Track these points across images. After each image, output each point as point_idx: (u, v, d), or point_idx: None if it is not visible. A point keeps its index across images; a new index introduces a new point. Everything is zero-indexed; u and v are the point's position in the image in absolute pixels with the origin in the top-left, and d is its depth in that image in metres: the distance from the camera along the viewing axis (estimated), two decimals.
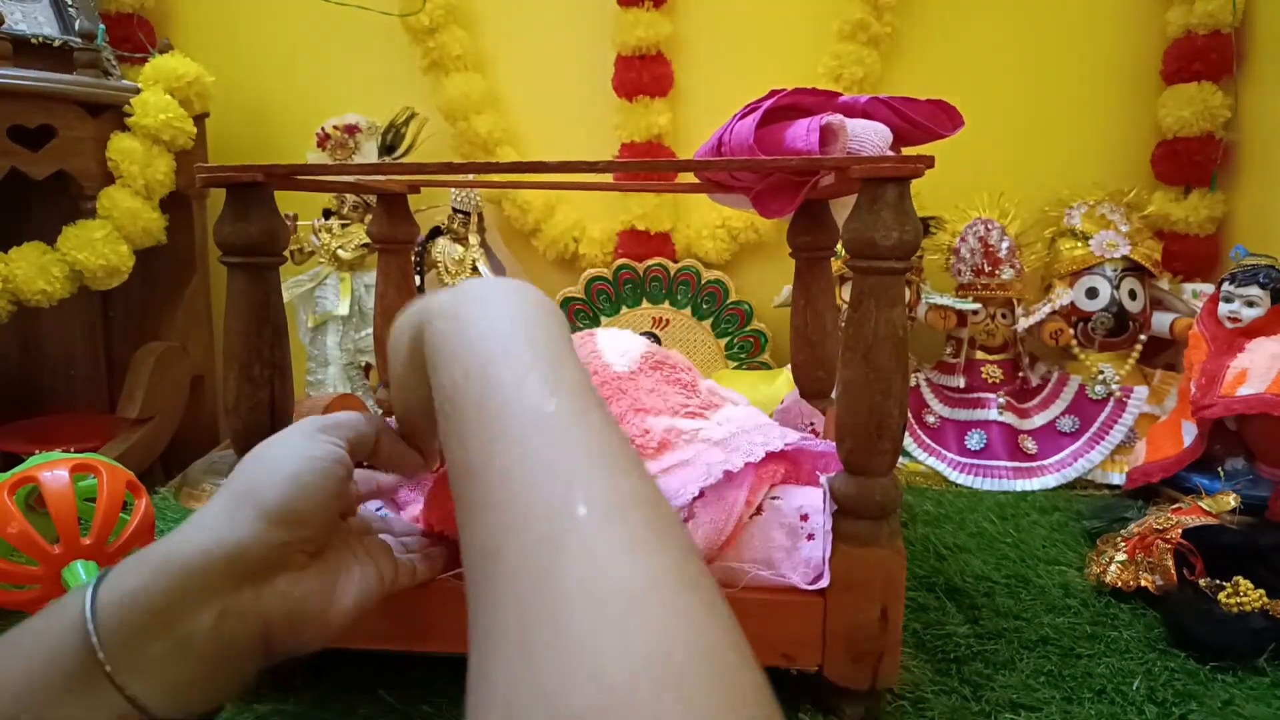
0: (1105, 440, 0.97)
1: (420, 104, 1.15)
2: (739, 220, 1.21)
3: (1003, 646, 0.58)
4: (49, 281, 0.92)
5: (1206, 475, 0.80)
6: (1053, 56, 1.18)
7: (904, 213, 0.45)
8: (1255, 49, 1.09)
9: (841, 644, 0.49)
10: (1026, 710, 0.51)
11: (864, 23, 1.14)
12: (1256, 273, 0.83)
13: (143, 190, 0.99)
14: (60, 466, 0.58)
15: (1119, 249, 1.05)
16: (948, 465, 0.99)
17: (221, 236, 0.50)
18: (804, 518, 0.51)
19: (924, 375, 1.10)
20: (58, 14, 1.04)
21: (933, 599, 0.65)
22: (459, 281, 1.11)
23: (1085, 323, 1.06)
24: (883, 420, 0.47)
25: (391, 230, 0.69)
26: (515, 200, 1.23)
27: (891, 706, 0.51)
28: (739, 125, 0.56)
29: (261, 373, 0.51)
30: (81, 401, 1.19)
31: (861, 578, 0.48)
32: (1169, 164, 1.14)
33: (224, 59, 1.18)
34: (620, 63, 1.19)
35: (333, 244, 1.11)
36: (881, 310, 0.46)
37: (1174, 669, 0.56)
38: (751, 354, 1.22)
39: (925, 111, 0.55)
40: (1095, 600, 0.66)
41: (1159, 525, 0.67)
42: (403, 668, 0.54)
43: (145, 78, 1.03)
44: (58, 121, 0.93)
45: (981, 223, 1.07)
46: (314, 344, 1.13)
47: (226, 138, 1.22)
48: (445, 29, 1.19)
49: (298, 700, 0.52)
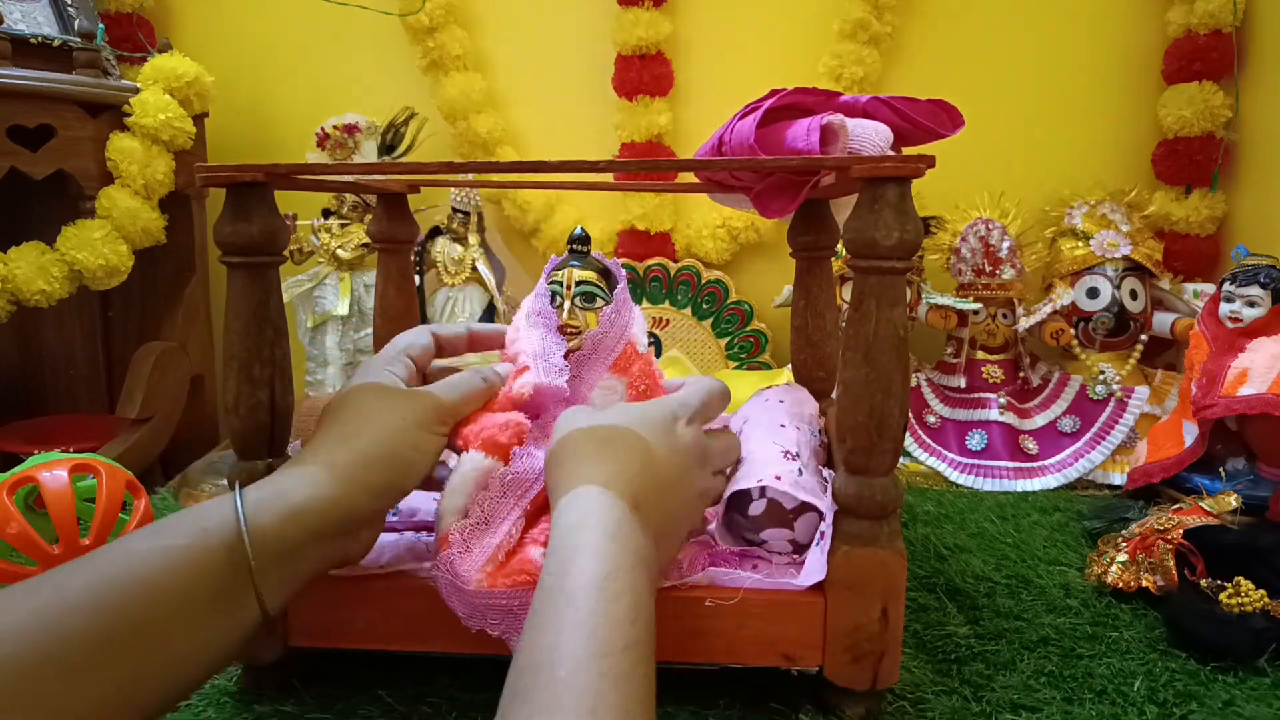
0: (1106, 440, 0.97)
1: (420, 104, 1.15)
2: (739, 220, 1.21)
3: (1003, 647, 0.58)
4: (49, 281, 0.91)
5: (1207, 475, 0.80)
6: (1053, 56, 1.18)
7: (905, 212, 0.45)
8: (1256, 49, 1.09)
9: (842, 644, 0.48)
10: (1027, 711, 0.51)
11: (864, 22, 1.14)
12: (1257, 272, 0.82)
13: (142, 190, 0.99)
14: (60, 466, 0.58)
15: (1120, 249, 1.05)
16: (948, 465, 0.99)
17: (221, 236, 0.50)
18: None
19: (924, 375, 1.10)
20: (57, 14, 1.04)
21: (933, 599, 0.65)
22: (458, 282, 1.12)
23: (1086, 323, 1.06)
24: (883, 420, 0.47)
25: (391, 230, 0.69)
26: (515, 200, 1.23)
27: (892, 707, 0.51)
28: (739, 125, 0.56)
29: (261, 372, 0.51)
30: (81, 401, 1.19)
31: (862, 578, 0.48)
32: (1170, 164, 1.14)
33: (224, 59, 1.18)
34: (620, 62, 1.19)
35: (332, 244, 1.11)
36: (882, 310, 0.46)
37: (1175, 669, 0.56)
38: (751, 354, 1.22)
39: (925, 111, 0.54)
40: (1096, 601, 0.66)
41: (1160, 525, 0.67)
42: (403, 668, 0.54)
43: (145, 77, 1.03)
44: (57, 121, 0.93)
45: (982, 223, 1.07)
46: (314, 344, 1.13)
47: (226, 138, 1.22)
48: (445, 29, 1.19)
49: (298, 700, 0.52)
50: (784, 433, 0.59)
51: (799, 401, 0.65)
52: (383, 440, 0.45)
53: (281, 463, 0.52)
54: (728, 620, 0.48)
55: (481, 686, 0.53)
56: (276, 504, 0.40)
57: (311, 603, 0.51)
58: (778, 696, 0.51)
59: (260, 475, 0.51)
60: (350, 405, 0.47)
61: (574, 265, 0.63)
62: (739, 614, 0.48)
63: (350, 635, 0.51)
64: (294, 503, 0.40)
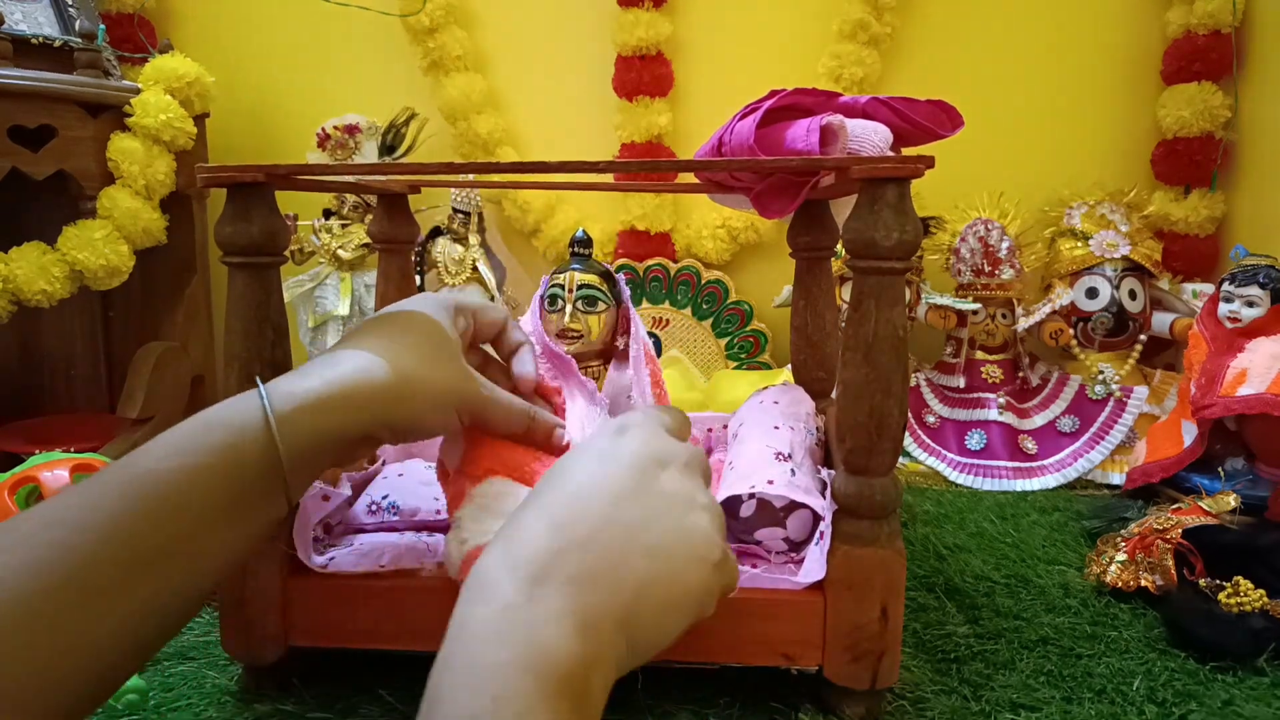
0: (1105, 440, 0.97)
1: (420, 104, 1.15)
2: (739, 220, 1.21)
3: (1003, 646, 0.58)
4: (49, 281, 0.92)
5: (1206, 475, 0.80)
6: (1053, 56, 1.18)
7: (904, 213, 0.45)
8: (1255, 49, 1.09)
9: (842, 644, 0.49)
10: (1026, 710, 0.51)
11: (864, 23, 1.14)
12: (1256, 273, 0.83)
13: (143, 190, 0.99)
14: (60, 466, 0.58)
15: (1119, 249, 1.05)
16: (948, 465, 0.99)
17: (222, 236, 0.50)
18: None
19: (924, 375, 1.10)
20: (58, 14, 1.04)
21: (933, 599, 0.65)
22: (458, 282, 1.12)
23: (1085, 323, 1.06)
24: (883, 420, 0.47)
25: (392, 230, 0.69)
26: (515, 200, 1.23)
27: (891, 706, 0.51)
28: (739, 125, 0.56)
29: (262, 373, 0.51)
30: (81, 401, 1.19)
31: (861, 577, 0.48)
32: (1169, 164, 1.14)
33: (224, 59, 1.18)
34: (620, 63, 1.19)
35: (333, 244, 1.11)
36: (881, 310, 0.46)
37: (1174, 669, 0.56)
38: (751, 354, 1.22)
39: (925, 112, 0.55)
40: (1095, 600, 0.66)
41: (1159, 525, 0.67)
42: (403, 668, 0.54)
43: (145, 78, 1.03)
44: (58, 121, 0.93)
45: (981, 223, 1.07)
46: (314, 344, 1.13)
47: (227, 138, 1.22)
48: (445, 29, 1.19)
49: (298, 700, 0.52)
50: (778, 434, 0.59)
51: (795, 401, 0.65)
52: (419, 382, 0.42)
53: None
54: (727, 620, 0.48)
55: None
56: (305, 402, 0.38)
57: (311, 603, 0.51)
58: (778, 696, 0.51)
59: None
60: (400, 323, 0.44)
61: (575, 269, 0.63)
62: (739, 613, 0.48)
63: (350, 635, 0.51)
64: (318, 411, 0.38)
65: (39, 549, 0.30)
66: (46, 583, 0.30)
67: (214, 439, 0.35)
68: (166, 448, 0.35)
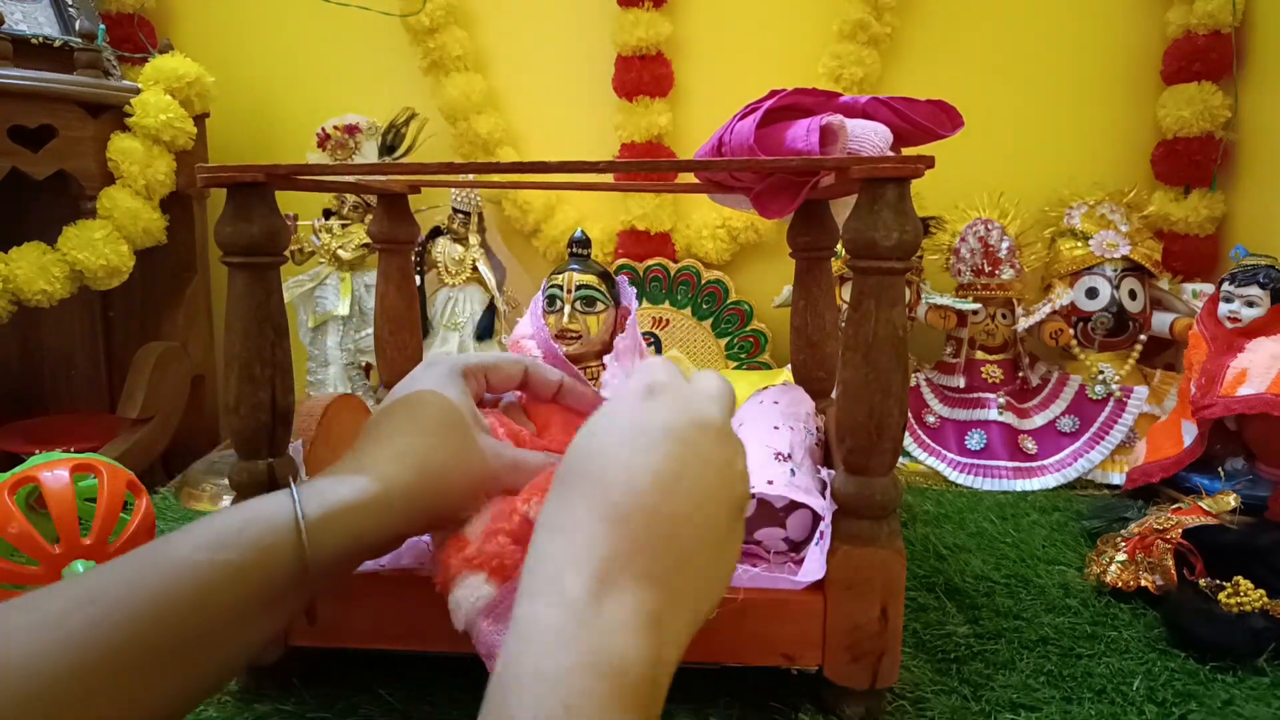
0: (1105, 440, 0.97)
1: (420, 104, 1.15)
2: (739, 220, 1.21)
3: (1003, 646, 0.58)
4: (49, 281, 0.92)
5: (1206, 475, 0.80)
6: (1053, 56, 1.18)
7: (904, 213, 0.45)
8: (1255, 49, 1.09)
9: (842, 644, 0.49)
10: (1026, 710, 0.51)
11: (864, 23, 1.14)
12: (1256, 273, 0.83)
13: (143, 190, 0.99)
14: (60, 466, 0.58)
15: (1119, 249, 1.05)
16: (948, 465, 0.99)
17: (222, 236, 0.50)
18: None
19: (924, 375, 1.10)
20: (58, 14, 1.04)
21: (933, 599, 0.65)
22: (459, 282, 1.12)
23: (1085, 323, 1.06)
24: (883, 420, 0.47)
25: (392, 230, 0.69)
26: (515, 200, 1.23)
27: (891, 706, 0.51)
28: (739, 125, 0.56)
29: (262, 372, 0.51)
30: (81, 401, 1.19)
31: (861, 578, 0.48)
32: (1169, 164, 1.14)
33: (224, 59, 1.18)
34: (620, 63, 1.19)
35: (333, 244, 1.11)
36: (881, 310, 0.46)
37: (1174, 669, 0.56)
38: (751, 354, 1.22)
39: (925, 112, 0.55)
40: (1095, 600, 0.66)
41: (1159, 525, 0.67)
42: (403, 668, 0.54)
43: (145, 78, 1.03)
44: (58, 121, 0.93)
45: (981, 223, 1.07)
46: (314, 344, 1.13)
47: (227, 138, 1.22)
48: (445, 29, 1.19)
49: (298, 700, 0.52)
50: (777, 435, 0.59)
51: (794, 401, 0.65)
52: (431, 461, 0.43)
53: (282, 463, 0.52)
54: (727, 620, 0.48)
55: (481, 686, 0.53)
56: (334, 510, 0.39)
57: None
58: (778, 696, 0.51)
59: (261, 475, 0.51)
60: (417, 416, 0.45)
61: (574, 269, 0.63)
62: (739, 613, 0.48)
63: (350, 635, 0.51)
64: (350, 519, 0.40)
65: (74, 627, 0.31)
66: (80, 660, 0.30)
67: (250, 536, 0.37)
68: (206, 537, 0.36)
